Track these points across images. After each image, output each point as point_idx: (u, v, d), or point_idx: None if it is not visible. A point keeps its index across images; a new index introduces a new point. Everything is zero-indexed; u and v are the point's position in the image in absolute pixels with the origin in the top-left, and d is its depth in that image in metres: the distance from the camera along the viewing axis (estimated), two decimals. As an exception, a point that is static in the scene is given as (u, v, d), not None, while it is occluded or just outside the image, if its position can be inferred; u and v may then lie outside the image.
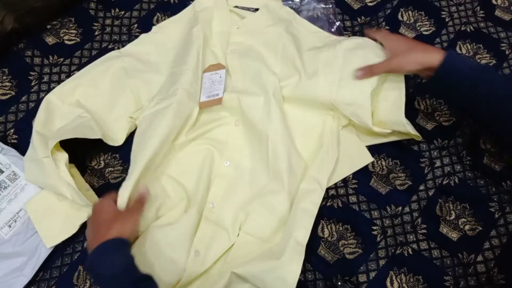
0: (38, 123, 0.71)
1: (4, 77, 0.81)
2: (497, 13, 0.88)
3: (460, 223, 0.71)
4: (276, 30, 0.81)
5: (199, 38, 0.78)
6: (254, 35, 0.81)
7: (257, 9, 0.84)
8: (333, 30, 0.84)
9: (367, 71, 0.69)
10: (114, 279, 0.54)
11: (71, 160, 0.70)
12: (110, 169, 0.76)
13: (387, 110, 0.72)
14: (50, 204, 0.69)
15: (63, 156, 0.69)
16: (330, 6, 0.87)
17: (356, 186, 0.74)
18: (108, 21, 0.87)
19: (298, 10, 0.86)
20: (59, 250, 0.69)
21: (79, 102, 0.75)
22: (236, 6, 0.84)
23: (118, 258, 0.55)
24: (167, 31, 0.83)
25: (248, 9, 0.84)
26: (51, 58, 0.83)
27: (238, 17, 0.84)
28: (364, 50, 0.73)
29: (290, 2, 0.86)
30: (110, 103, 0.76)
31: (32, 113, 0.78)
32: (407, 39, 0.73)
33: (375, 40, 0.73)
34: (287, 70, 0.77)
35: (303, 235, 0.65)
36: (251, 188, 0.72)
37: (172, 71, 0.77)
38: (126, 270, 0.55)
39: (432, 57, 0.63)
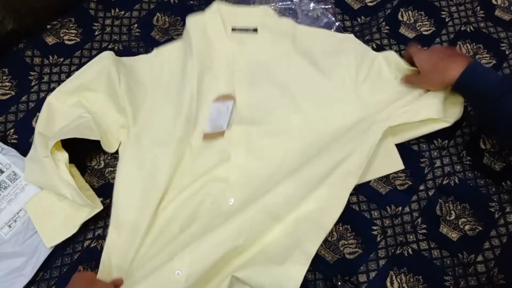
0: (40, 124, 0.71)
1: (4, 77, 0.81)
2: (497, 13, 0.88)
3: (460, 223, 0.71)
4: (281, 48, 0.79)
5: (193, 76, 0.75)
6: (260, 58, 0.79)
7: (255, 29, 0.80)
8: (332, 30, 0.84)
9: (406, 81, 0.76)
10: None
11: (71, 160, 0.70)
12: (110, 169, 0.76)
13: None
14: (50, 204, 0.69)
15: (63, 155, 0.69)
16: (330, 6, 0.87)
17: (356, 186, 0.74)
18: (108, 21, 0.87)
19: (296, 10, 0.85)
20: (59, 250, 0.69)
21: (80, 102, 0.74)
22: (234, 29, 0.80)
23: None
24: (166, 54, 0.80)
25: (246, 30, 0.80)
26: (51, 58, 0.83)
27: (239, 42, 0.80)
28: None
29: (289, 2, 0.86)
30: (105, 106, 0.75)
31: (32, 113, 0.78)
32: (434, 53, 0.72)
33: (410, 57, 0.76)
34: (304, 88, 0.76)
35: (313, 247, 0.65)
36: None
37: (167, 114, 0.75)
38: None
39: (450, 75, 0.66)
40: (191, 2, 0.89)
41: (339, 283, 0.66)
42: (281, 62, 0.78)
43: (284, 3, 0.85)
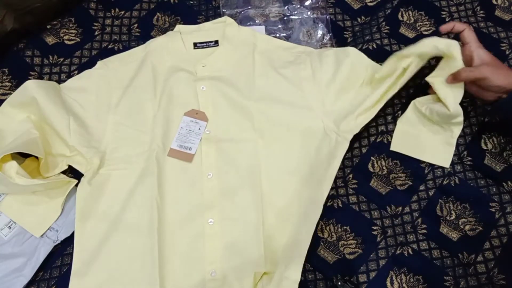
0: None
1: (4, 77, 0.81)
2: (497, 13, 0.88)
3: (460, 223, 0.71)
4: (244, 58, 0.78)
5: (156, 92, 0.75)
6: (222, 69, 0.77)
7: (216, 41, 0.80)
8: (325, 40, 0.84)
9: (455, 78, 0.68)
10: None
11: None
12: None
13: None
14: (25, 198, 0.70)
15: (12, 165, 0.66)
16: (325, 15, 0.86)
17: (356, 186, 0.74)
18: (108, 21, 0.87)
19: (290, 18, 0.86)
20: (59, 250, 0.69)
21: (29, 117, 0.71)
22: (195, 45, 0.80)
23: None
24: (113, 68, 0.77)
25: (208, 44, 0.80)
26: (51, 58, 0.83)
27: (200, 57, 0.79)
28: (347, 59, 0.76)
29: (285, 8, 0.86)
30: (51, 138, 0.72)
31: (32, 113, 0.78)
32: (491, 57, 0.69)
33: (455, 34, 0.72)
34: (267, 96, 0.76)
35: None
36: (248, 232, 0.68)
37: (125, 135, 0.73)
38: None
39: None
40: (191, 2, 0.89)
41: (339, 283, 0.66)
42: (244, 71, 0.77)
43: (280, 9, 0.85)
